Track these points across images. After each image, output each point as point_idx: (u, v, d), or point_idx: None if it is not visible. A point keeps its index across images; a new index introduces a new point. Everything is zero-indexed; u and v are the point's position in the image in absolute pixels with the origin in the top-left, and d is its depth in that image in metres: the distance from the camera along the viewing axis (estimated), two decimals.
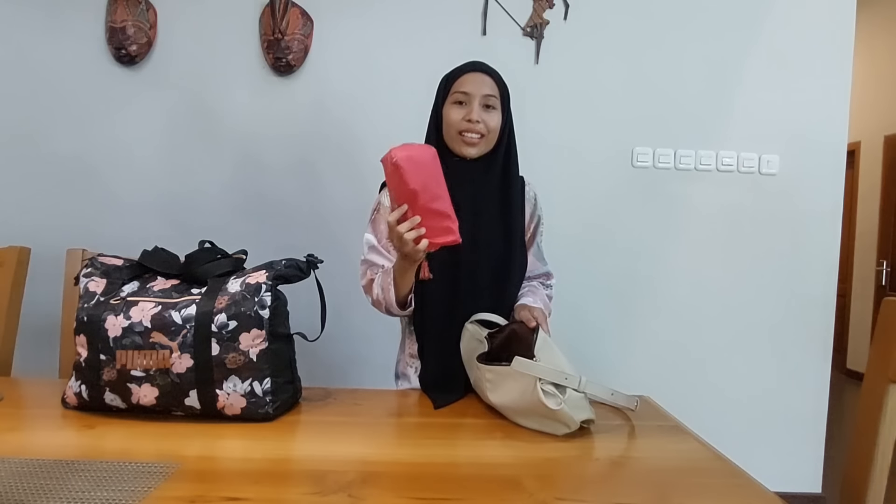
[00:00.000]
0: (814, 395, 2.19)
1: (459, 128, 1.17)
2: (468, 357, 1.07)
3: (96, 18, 2.06)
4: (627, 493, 0.68)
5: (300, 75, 2.10)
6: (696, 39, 2.14)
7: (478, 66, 1.21)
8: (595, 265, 2.15)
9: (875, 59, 4.49)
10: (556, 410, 0.81)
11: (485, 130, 1.18)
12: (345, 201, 2.10)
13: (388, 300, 1.16)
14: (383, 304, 1.18)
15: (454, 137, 1.19)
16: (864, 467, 0.77)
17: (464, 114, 1.17)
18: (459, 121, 1.17)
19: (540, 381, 0.82)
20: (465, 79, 1.19)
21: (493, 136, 1.20)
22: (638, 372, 2.17)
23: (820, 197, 2.16)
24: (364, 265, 1.25)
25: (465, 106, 1.18)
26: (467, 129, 1.17)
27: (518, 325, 1.01)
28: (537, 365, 0.84)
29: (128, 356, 0.85)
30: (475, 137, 1.17)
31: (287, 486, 0.67)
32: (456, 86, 1.19)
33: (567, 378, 0.82)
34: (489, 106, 1.19)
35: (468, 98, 1.18)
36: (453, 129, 1.18)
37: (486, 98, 1.18)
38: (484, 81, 1.19)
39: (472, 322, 1.10)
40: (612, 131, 2.14)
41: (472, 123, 1.16)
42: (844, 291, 4.64)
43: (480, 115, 1.17)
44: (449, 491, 0.67)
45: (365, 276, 1.24)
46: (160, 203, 2.09)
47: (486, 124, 1.17)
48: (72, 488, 0.63)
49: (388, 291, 1.15)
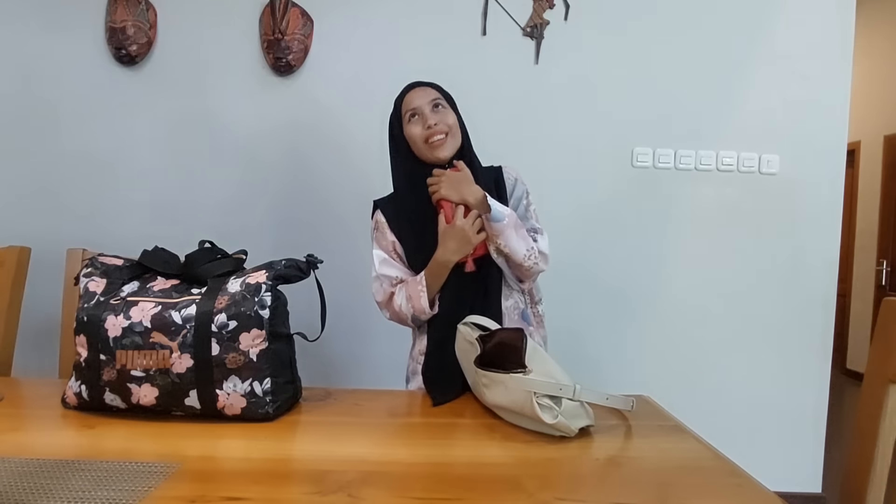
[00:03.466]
0: (814, 395, 2.19)
1: (424, 137, 1.24)
2: (462, 358, 1.07)
3: (96, 18, 2.06)
4: (627, 493, 0.68)
5: (300, 75, 2.10)
6: (696, 39, 2.14)
7: (415, 83, 1.30)
8: (595, 265, 2.15)
9: (875, 59, 4.49)
10: (553, 424, 0.81)
11: (445, 128, 1.24)
12: (345, 201, 2.10)
13: (417, 307, 1.22)
14: (408, 314, 1.24)
15: (423, 148, 1.25)
16: (864, 467, 0.77)
17: (422, 124, 1.24)
18: (421, 132, 1.24)
19: (535, 394, 0.82)
20: (410, 96, 1.27)
21: (455, 130, 1.26)
22: (638, 372, 2.17)
23: (820, 197, 2.16)
24: (377, 281, 1.29)
25: (419, 118, 1.25)
26: (430, 135, 1.23)
27: (506, 333, 0.99)
28: (531, 379, 0.84)
29: (128, 356, 0.85)
30: (441, 138, 1.23)
31: (287, 486, 0.67)
32: (405, 106, 1.27)
33: (562, 388, 0.81)
34: (438, 106, 1.26)
35: (419, 110, 1.24)
36: (420, 141, 1.24)
37: (432, 102, 1.25)
38: (425, 92, 1.27)
39: (465, 324, 1.10)
40: (613, 131, 2.14)
41: (432, 128, 1.23)
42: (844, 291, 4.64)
43: (434, 117, 1.24)
44: (449, 491, 0.67)
45: (381, 292, 1.28)
46: (160, 203, 2.09)
47: (444, 121, 1.24)
48: (72, 488, 0.63)
49: (419, 298, 1.21)
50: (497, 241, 1.21)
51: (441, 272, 1.21)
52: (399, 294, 1.25)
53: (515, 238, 1.21)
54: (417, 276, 1.24)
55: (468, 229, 1.19)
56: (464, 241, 1.19)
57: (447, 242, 1.20)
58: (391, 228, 1.29)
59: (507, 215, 1.20)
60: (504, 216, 1.19)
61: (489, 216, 1.19)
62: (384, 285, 1.27)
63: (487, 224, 1.20)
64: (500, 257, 1.24)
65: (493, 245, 1.23)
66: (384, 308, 1.29)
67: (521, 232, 1.23)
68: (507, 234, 1.20)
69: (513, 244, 1.21)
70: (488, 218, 1.20)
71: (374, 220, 1.33)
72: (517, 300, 1.30)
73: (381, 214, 1.31)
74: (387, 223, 1.30)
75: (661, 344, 2.17)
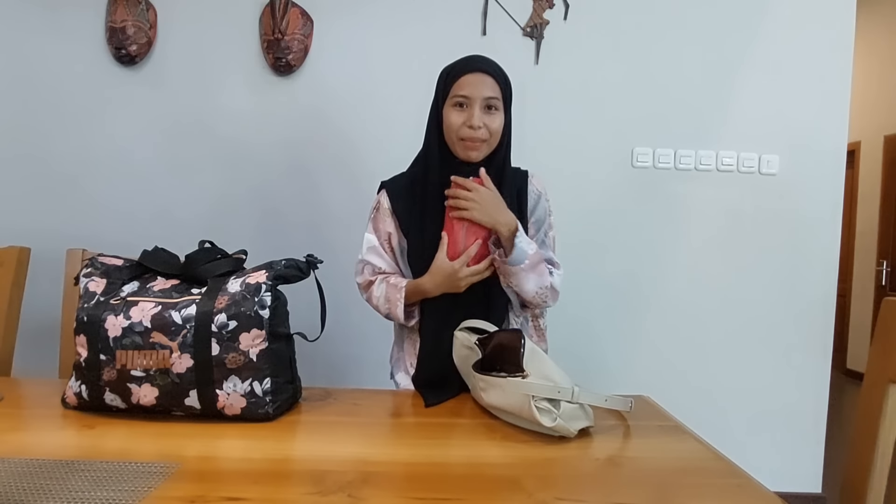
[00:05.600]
0: (814, 395, 2.18)
1: (461, 134, 1.14)
2: (462, 364, 1.07)
3: (96, 18, 2.06)
4: (627, 493, 0.68)
5: (300, 75, 2.10)
6: (696, 39, 2.14)
7: (478, 66, 1.15)
8: (595, 265, 2.15)
9: (875, 59, 4.49)
10: (551, 427, 0.81)
11: (486, 135, 1.14)
12: (344, 201, 2.10)
13: (393, 313, 1.18)
14: (384, 311, 1.21)
15: (455, 141, 1.16)
16: (864, 467, 0.77)
17: (464, 118, 1.13)
18: (460, 126, 1.13)
19: (533, 397, 0.82)
20: (465, 80, 1.14)
21: (494, 139, 1.16)
22: (638, 372, 2.17)
23: (820, 197, 2.16)
24: (361, 263, 1.24)
25: (465, 109, 1.14)
26: (469, 136, 1.13)
27: (504, 335, 0.98)
28: (528, 383, 0.83)
29: (128, 356, 0.85)
30: (477, 143, 1.14)
31: (287, 486, 0.67)
32: (456, 87, 1.15)
33: (560, 391, 0.81)
34: (490, 107, 1.14)
35: (468, 101, 1.13)
36: (454, 134, 1.15)
37: (487, 100, 1.14)
38: (485, 82, 1.14)
39: (461, 329, 1.09)
40: (612, 131, 2.14)
41: (473, 130, 1.13)
42: (844, 291, 4.64)
43: (482, 119, 1.13)
44: (448, 491, 0.67)
45: (362, 275, 1.24)
46: (160, 203, 2.09)
47: (488, 128, 1.14)
48: (72, 488, 0.63)
49: (396, 306, 1.16)
50: (509, 279, 1.14)
51: (422, 295, 1.16)
52: (378, 287, 1.20)
53: (530, 278, 1.13)
54: (400, 283, 1.18)
55: (461, 279, 1.11)
56: (452, 286, 1.12)
57: (436, 276, 1.12)
58: (393, 215, 1.22)
59: (528, 256, 1.11)
60: (525, 258, 1.10)
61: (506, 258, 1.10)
62: (366, 270, 1.22)
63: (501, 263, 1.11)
64: (509, 291, 1.18)
65: (503, 279, 1.15)
66: (362, 290, 1.25)
67: (539, 268, 1.14)
68: (520, 276, 1.12)
69: (525, 285, 1.13)
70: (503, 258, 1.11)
71: (376, 201, 1.25)
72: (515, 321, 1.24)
73: (385, 198, 1.23)
74: (390, 209, 1.22)
75: (661, 344, 2.17)
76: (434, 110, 1.21)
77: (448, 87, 1.16)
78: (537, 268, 1.14)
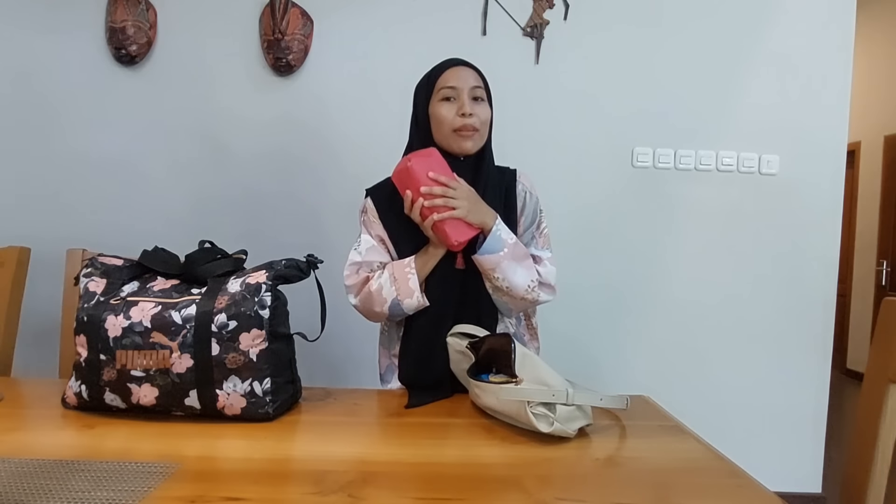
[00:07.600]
0: (814, 395, 2.19)
1: (454, 125, 1.13)
2: (456, 369, 1.06)
3: (96, 18, 2.06)
4: (627, 493, 0.68)
5: (300, 75, 2.10)
6: (696, 39, 2.14)
7: (459, 61, 1.18)
8: (595, 265, 2.15)
9: (875, 59, 4.49)
10: (549, 432, 0.81)
11: (478, 124, 1.14)
12: (345, 201, 2.09)
13: (403, 290, 1.10)
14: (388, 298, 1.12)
15: (448, 135, 1.14)
16: (864, 467, 0.77)
17: (455, 109, 1.13)
18: (453, 117, 1.13)
19: (529, 403, 0.81)
20: (451, 73, 1.15)
21: (484, 129, 1.17)
22: (638, 372, 2.17)
23: (820, 197, 2.16)
24: (355, 265, 1.19)
25: (454, 101, 1.14)
26: (462, 126, 1.13)
27: (494, 340, 0.98)
28: (522, 389, 0.83)
29: (128, 356, 0.85)
30: (472, 133, 1.14)
31: (287, 486, 0.67)
32: (441, 81, 1.15)
33: (555, 395, 0.80)
34: (477, 98, 1.15)
35: (456, 92, 1.14)
36: (446, 127, 1.14)
37: (473, 90, 1.15)
38: (469, 74, 1.16)
39: (452, 335, 1.08)
40: (612, 131, 2.14)
41: (466, 117, 1.12)
42: (844, 291, 4.64)
43: (472, 107, 1.13)
44: (448, 491, 0.67)
45: (355, 276, 1.19)
46: (160, 203, 2.09)
47: (479, 117, 1.14)
48: (72, 488, 0.63)
49: (406, 280, 1.10)
50: (493, 274, 1.11)
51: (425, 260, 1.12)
52: (380, 276, 1.14)
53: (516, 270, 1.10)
54: (405, 260, 1.14)
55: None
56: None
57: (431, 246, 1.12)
58: (381, 220, 1.20)
59: (507, 244, 1.09)
60: (503, 246, 1.09)
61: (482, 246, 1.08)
62: (361, 270, 1.18)
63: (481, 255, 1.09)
64: (500, 295, 1.14)
65: (489, 283, 1.12)
66: (353, 293, 1.19)
67: (526, 262, 1.13)
68: (503, 265, 1.10)
69: (513, 278, 1.11)
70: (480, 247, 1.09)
71: (363, 206, 1.23)
72: (507, 324, 1.22)
73: (371, 203, 1.21)
74: (377, 214, 1.20)
75: (660, 344, 2.17)
76: (415, 120, 1.21)
77: (432, 84, 1.17)
78: (524, 261, 1.13)
